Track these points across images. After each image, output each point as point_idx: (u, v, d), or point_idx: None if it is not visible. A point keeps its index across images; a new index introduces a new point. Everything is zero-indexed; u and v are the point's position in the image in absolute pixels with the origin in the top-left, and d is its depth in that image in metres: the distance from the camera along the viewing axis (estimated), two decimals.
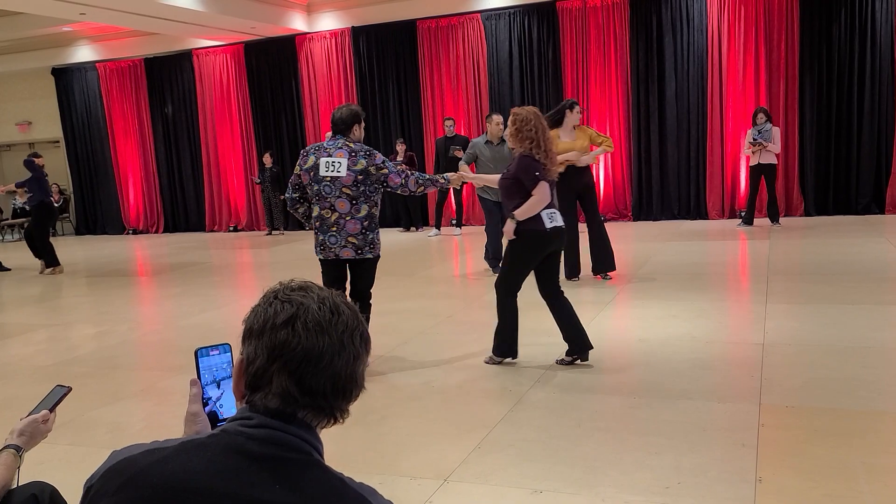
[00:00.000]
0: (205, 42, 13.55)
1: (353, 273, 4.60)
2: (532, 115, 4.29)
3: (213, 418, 1.34)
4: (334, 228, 4.43)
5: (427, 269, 8.52)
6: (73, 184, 15.48)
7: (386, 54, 12.67)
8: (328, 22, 12.87)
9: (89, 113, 15.01)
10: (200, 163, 14.29)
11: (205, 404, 1.34)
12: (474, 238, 10.89)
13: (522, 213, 4.25)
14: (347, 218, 4.41)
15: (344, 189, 4.37)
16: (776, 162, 9.94)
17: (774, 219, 10.05)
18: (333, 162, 4.36)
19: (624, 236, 10.03)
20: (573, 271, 6.94)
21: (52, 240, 10.28)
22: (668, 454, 3.10)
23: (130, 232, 15.01)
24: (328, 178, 4.38)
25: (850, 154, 10.59)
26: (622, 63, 11.43)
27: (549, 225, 4.25)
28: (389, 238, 11.54)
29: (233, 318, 4.74)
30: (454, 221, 11.70)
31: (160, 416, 4.21)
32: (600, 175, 11.79)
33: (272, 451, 1.07)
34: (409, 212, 12.32)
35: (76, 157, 15.31)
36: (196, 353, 1.36)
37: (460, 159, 11.16)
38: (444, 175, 4.72)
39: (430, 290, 7.19)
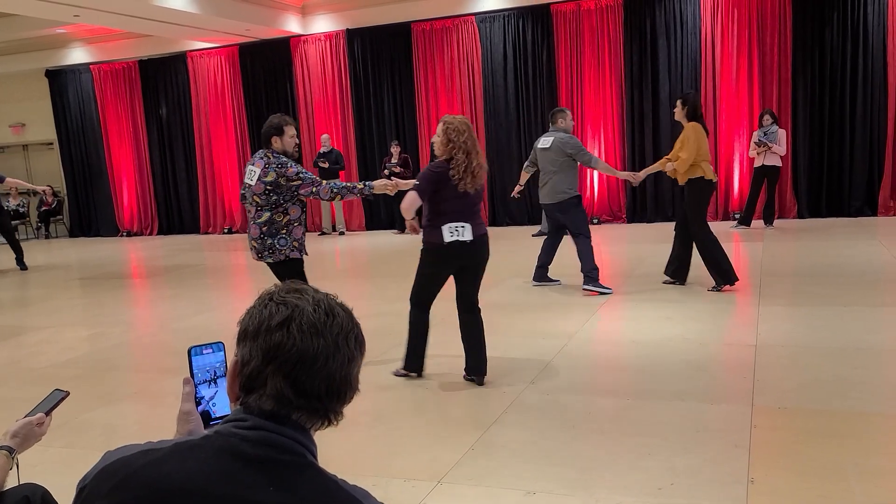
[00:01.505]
0: (199, 44, 13.54)
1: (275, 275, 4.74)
2: (464, 125, 4.18)
3: (206, 417, 1.34)
4: (248, 232, 4.69)
5: None
6: (67, 186, 15.43)
7: (381, 57, 12.67)
8: (323, 24, 12.87)
9: (83, 115, 14.97)
10: (195, 165, 14.27)
11: (198, 403, 1.34)
12: None
13: (403, 205, 4.24)
14: (251, 222, 4.61)
15: (254, 196, 4.54)
16: (780, 164, 9.98)
17: (769, 221, 10.09)
18: (251, 171, 4.56)
19: (618, 238, 10.06)
20: (729, 278, 6.19)
21: (46, 242, 10.24)
22: (661, 455, 3.11)
23: (124, 234, 14.97)
24: (245, 185, 4.60)
25: (843, 156, 10.64)
26: (616, 65, 11.46)
27: (447, 239, 4.14)
28: (384, 240, 11.54)
29: (227, 320, 4.74)
30: None
31: (154, 419, 4.20)
32: (594, 177, 11.82)
33: (266, 452, 1.07)
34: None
35: (70, 159, 15.26)
36: (189, 351, 1.36)
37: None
38: (368, 182, 4.61)
39: None
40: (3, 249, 10.58)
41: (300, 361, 1.09)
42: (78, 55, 14.39)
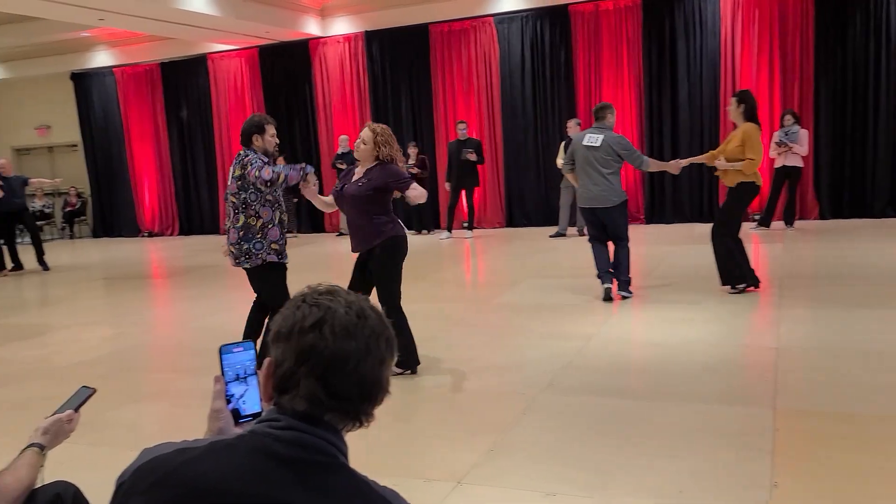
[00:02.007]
0: (219, 46, 13.66)
1: (251, 284, 4.71)
2: (388, 129, 4.52)
3: (236, 415, 1.36)
4: (226, 236, 4.64)
5: (438, 272, 8.55)
6: (91, 187, 15.64)
7: (399, 58, 12.72)
8: (342, 26, 12.94)
9: (106, 117, 15.16)
10: (215, 166, 14.40)
11: (227, 401, 1.37)
12: (485, 241, 10.91)
13: (417, 195, 4.48)
14: (229, 226, 4.58)
15: (231, 197, 4.54)
16: (802, 164, 9.89)
17: (789, 222, 9.99)
18: (231, 172, 4.59)
19: (636, 239, 9.98)
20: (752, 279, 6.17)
21: (70, 242, 10.40)
22: (681, 458, 3.11)
23: (146, 234, 15.14)
24: (228, 187, 4.61)
25: (866, 157, 10.52)
26: (634, 66, 11.42)
27: (406, 231, 4.50)
28: None
29: (239, 323, 4.79)
30: (465, 224, 11.72)
31: (176, 418, 4.26)
32: None
33: (299, 453, 1.09)
34: (420, 214, 12.35)
35: (94, 161, 15.46)
36: (220, 349, 1.38)
37: (473, 162, 11.23)
38: (307, 168, 4.57)
39: (441, 293, 7.21)
40: (27, 249, 10.74)
41: (332, 363, 1.11)
42: (102, 58, 14.58)
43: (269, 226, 4.53)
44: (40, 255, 10.49)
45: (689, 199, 11.44)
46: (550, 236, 10.72)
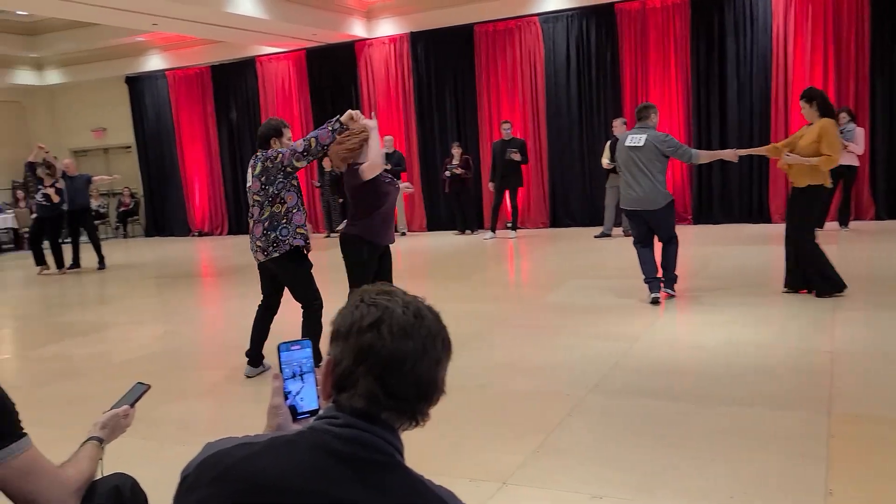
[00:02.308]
0: (268, 49, 13.90)
1: (281, 280, 4.76)
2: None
3: (293, 412, 1.39)
4: (251, 234, 4.71)
5: (482, 272, 8.54)
6: (143, 187, 16.07)
7: (443, 59, 12.76)
8: (387, 28, 13.03)
9: (159, 119, 15.57)
10: None
11: (285, 397, 1.40)
12: (529, 241, 10.87)
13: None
14: (255, 224, 4.64)
15: (254, 196, 4.62)
16: (857, 164, 9.60)
17: (844, 223, 9.71)
18: (248, 175, 4.68)
19: (683, 240, 9.83)
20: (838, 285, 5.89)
21: (124, 241, 10.72)
22: (730, 462, 3.05)
23: (196, 234, 15.49)
24: (248, 190, 4.69)
25: None
26: (682, 64, 11.24)
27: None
28: (444, 241, 11.61)
29: (293, 319, 4.86)
30: (509, 224, 11.69)
31: (224, 415, 4.35)
32: None
33: (357, 451, 1.11)
34: (465, 214, 12.37)
35: (146, 162, 15.90)
36: (278, 347, 1.41)
37: (517, 161, 11.20)
38: (335, 122, 4.54)
39: (484, 293, 7.21)
40: (84, 248, 11.10)
41: (390, 363, 1.12)
42: (155, 62, 14.97)
43: (294, 210, 4.61)
44: (98, 253, 10.82)
45: (739, 199, 11.21)
46: (595, 237, 10.62)
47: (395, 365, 1.12)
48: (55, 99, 16.78)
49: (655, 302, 6.03)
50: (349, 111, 4.45)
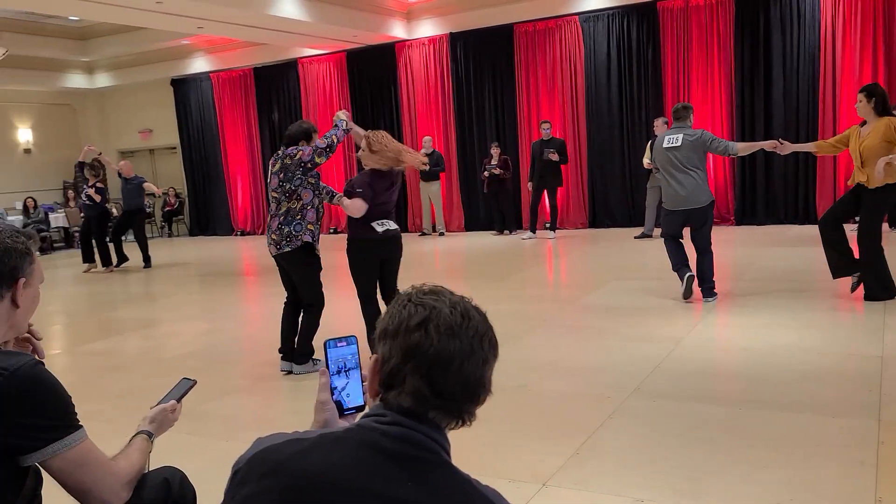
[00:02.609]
0: (309, 51, 14.06)
1: (291, 275, 4.93)
2: (387, 136, 4.79)
3: (339, 407, 1.42)
4: (268, 227, 4.88)
5: (521, 272, 8.51)
6: (188, 188, 16.40)
7: (483, 59, 12.75)
8: (427, 29, 13.08)
9: (203, 121, 15.87)
10: None
11: (331, 393, 1.42)
12: (568, 241, 10.79)
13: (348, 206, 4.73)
14: (272, 219, 4.82)
15: (273, 193, 4.79)
16: None
17: (894, 224, 9.44)
18: (270, 170, 4.83)
19: (726, 241, 9.69)
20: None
21: (168, 240, 10.96)
22: (777, 469, 2.99)
23: (239, 233, 15.74)
24: (268, 183, 4.86)
25: None
26: (726, 63, 11.04)
27: (380, 230, 4.81)
28: (482, 241, 11.60)
29: (332, 317, 4.93)
30: (548, 224, 11.63)
31: (267, 411, 4.42)
32: None
33: (405, 448, 1.12)
34: (503, 215, 12.35)
35: (191, 163, 16.22)
36: (325, 344, 1.44)
37: (556, 162, 11.14)
38: (339, 124, 4.80)
39: (523, 293, 7.19)
40: (131, 247, 11.37)
41: (437, 362, 1.13)
42: (199, 64, 15.27)
43: (308, 207, 4.79)
44: (145, 252, 11.08)
45: (784, 200, 10.97)
46: (636, 237, 10.51)
47: (442, 364, 1.13)
48: (104, 101, 17.24)
49: (689, 284, 5.97)
50: (343, 111, 4.88)
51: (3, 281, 1.70)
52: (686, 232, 6.19)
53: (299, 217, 4.75)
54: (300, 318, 4.96)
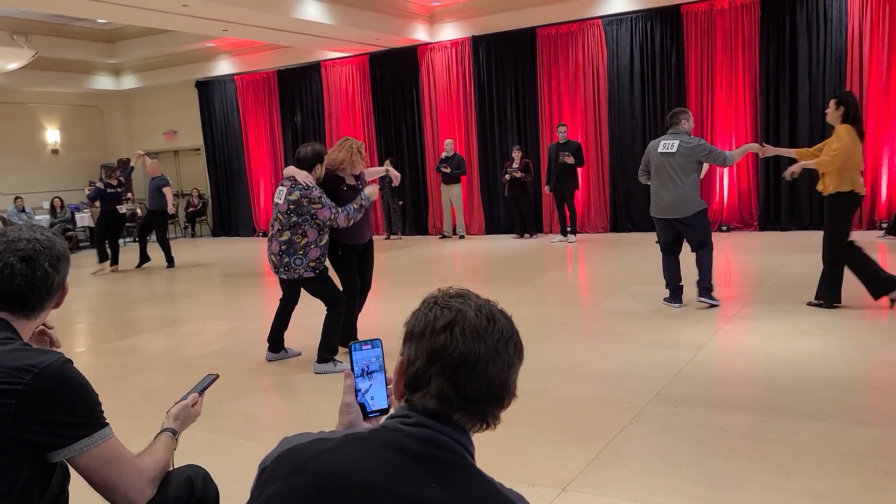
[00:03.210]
0: (332, 54, 14.14)
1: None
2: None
3: (363, 410, 1.43)
4: (268, 245, 4.99)
5: (541, 276, 8.49)
6: (211, 189, 16.56)
7: (505, 62, 12.74)
8: (449, 32, 13.10)
9: (227, 122, 16.02)
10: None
11: (355, 395, 1.43)
12: (589, 245, 10.74)
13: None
14: (272, 238, 4.91)
15: (279, 214, 4.87)
16: None
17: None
18: (280, 191, 4.89)
19: (749, 247, 9.59)
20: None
21: (192, 240, 11.07)
22: (800, 477, 2.96)
23: (261, 234, 15.85)
24: (274, 203, 4.94)
25: None
26: (750, 66, 10.93)
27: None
28: (502, 244, 11.58)
29: (369, 317, 4.96)
30: (569, 229, 11.59)
31: (288, 410, 4.46)
32: (724, 181, 11.35)
33: (429, 450, 1.13)
34: (524, 218, 12.32)
35: (214, 164, 16.37)
36: (350, 346, 1.45)
37: (571, 165, 11.11)
38: (364, 195, 5.00)
39: (544, 297, 7.17)
40: (154, 247, 11.51)
41: (462, 364, 1.14)
42: (224, 66, 15.42)
43: (312, 245, 4.86)
44: (167, 253, 11.24)
45: (809, 206, 10.83)
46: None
47: (467, 366, 1.14)
48: (130, 103, 17.47)
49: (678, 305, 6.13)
50: (373, 187, 5.14)
51: (58, 287, 1.77)
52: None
53: (301, 253, 4.84)
54: (317, 318, 5.08)
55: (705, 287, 6.06)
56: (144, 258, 11.35)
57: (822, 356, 4.58)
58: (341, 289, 5.12)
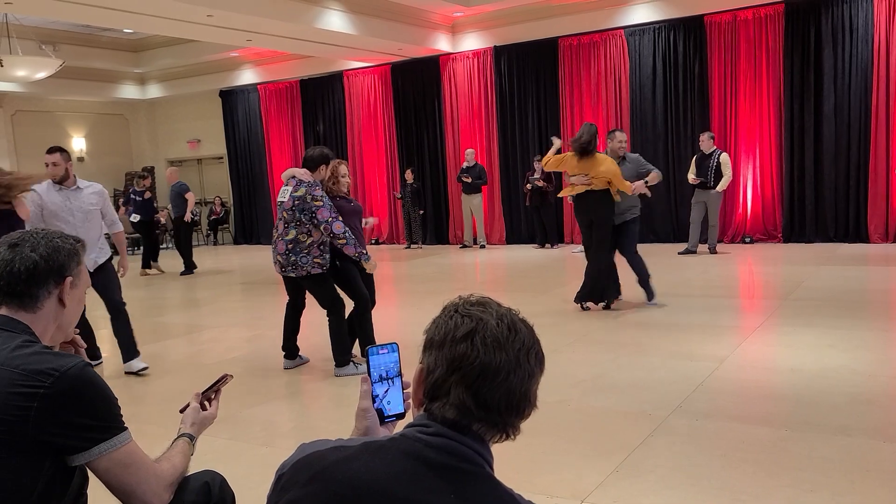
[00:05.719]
0: (355, 64, 14.24)
1: (304, 286, 5.18)
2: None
3: (380, 415, 1.42)
4: (273, 246, 5.04)
5: (562, 286, 8.44)
6: (234, 197, 16.71)
7: (527, 72, 12.75)
8: (471, 42, 13.14)
9: (250, 131, 16.18)
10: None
11: (373, 401, 1.42)
12: None
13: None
14: (278, 239, 4.95)
15: (284, 212, 4.92)
16: None
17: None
18: (285, 190, 4.96)
19: (773, 258, 9.48)
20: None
21: (214, 248, 11.23)
22: (825, 493, 2.90)
23: None
24: (279, 202, 4.99)
25: None
26: (775, 77, 10.84)
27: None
28: (523, 254, 11.54)
29: (381, 322, 4.97)
30: None
31: (307, 418, 4.46)
32: (748, 193, 11.24)
33: (448, 460, 1.11)
34: (545, 228, 12.28)
35: (237, 173, 16.53)
36: (367, 351, 1.44)
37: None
38: (366, 254, 5.03)
39: (564, 307, 7.13)
40: (175, 254, 11.64)
41: (482, 374, 1.12)
42: (247, 76, 15.59)
43: (317, 245, 4.92)
44: (186, 259, 11.45)
45: (834, 217, 10.69)
46: (679, 253, 10.35)
47: (487, 376, 1.12)
48: (155, 111, 17.71)
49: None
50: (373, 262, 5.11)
51: (52, 277, 1.76)
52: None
53: (306, 251, 4.90)
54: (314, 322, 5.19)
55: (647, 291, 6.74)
56: (189, 265, 11.56)
57: (849, 370, 4.50)
58: (352, 299, 5.14)
